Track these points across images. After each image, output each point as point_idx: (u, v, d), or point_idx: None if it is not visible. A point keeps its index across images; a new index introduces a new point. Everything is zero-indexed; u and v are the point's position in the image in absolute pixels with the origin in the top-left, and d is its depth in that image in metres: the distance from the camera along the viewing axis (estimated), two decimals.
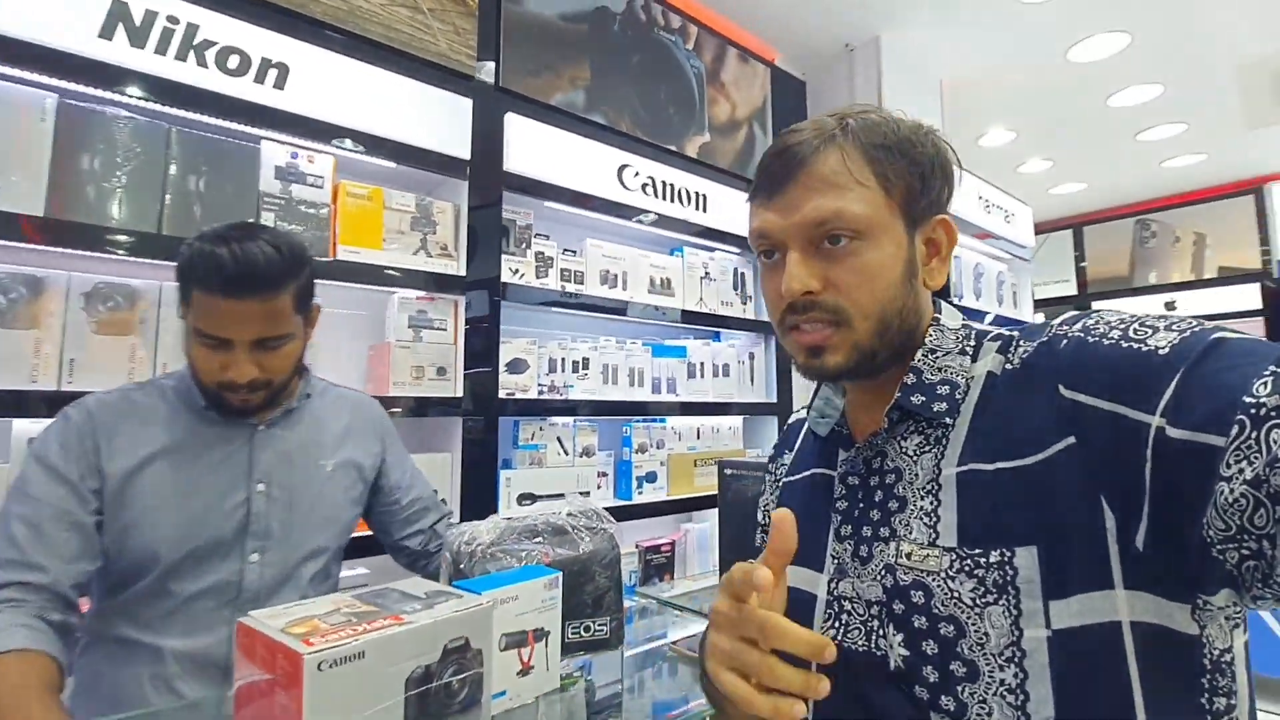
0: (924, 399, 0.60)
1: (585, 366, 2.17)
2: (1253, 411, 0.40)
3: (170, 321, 1.39)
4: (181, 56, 1.36)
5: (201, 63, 1.39)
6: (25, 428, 1.23)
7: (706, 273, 2.60)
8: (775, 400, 2.72)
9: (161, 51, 1.34)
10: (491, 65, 1.93)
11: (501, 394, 1.90)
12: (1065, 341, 0.55)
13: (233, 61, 1.42)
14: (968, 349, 0.62)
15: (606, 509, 2.06)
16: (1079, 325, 0.56)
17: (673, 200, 2.39)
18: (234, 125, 1.47)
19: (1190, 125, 4.02)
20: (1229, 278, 5.11)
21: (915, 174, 0.61)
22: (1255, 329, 4.90)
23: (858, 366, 0.61)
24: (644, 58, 2.41)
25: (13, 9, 1.19)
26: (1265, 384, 0.41)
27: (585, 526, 1.08)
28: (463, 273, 1.81)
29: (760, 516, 0.87)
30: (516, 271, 1.98)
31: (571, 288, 2.13)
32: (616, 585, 1.06)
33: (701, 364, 2.52)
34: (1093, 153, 4.50)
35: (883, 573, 0.58)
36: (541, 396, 2.03)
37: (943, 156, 0.64)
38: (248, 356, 0.96)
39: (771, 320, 0.66)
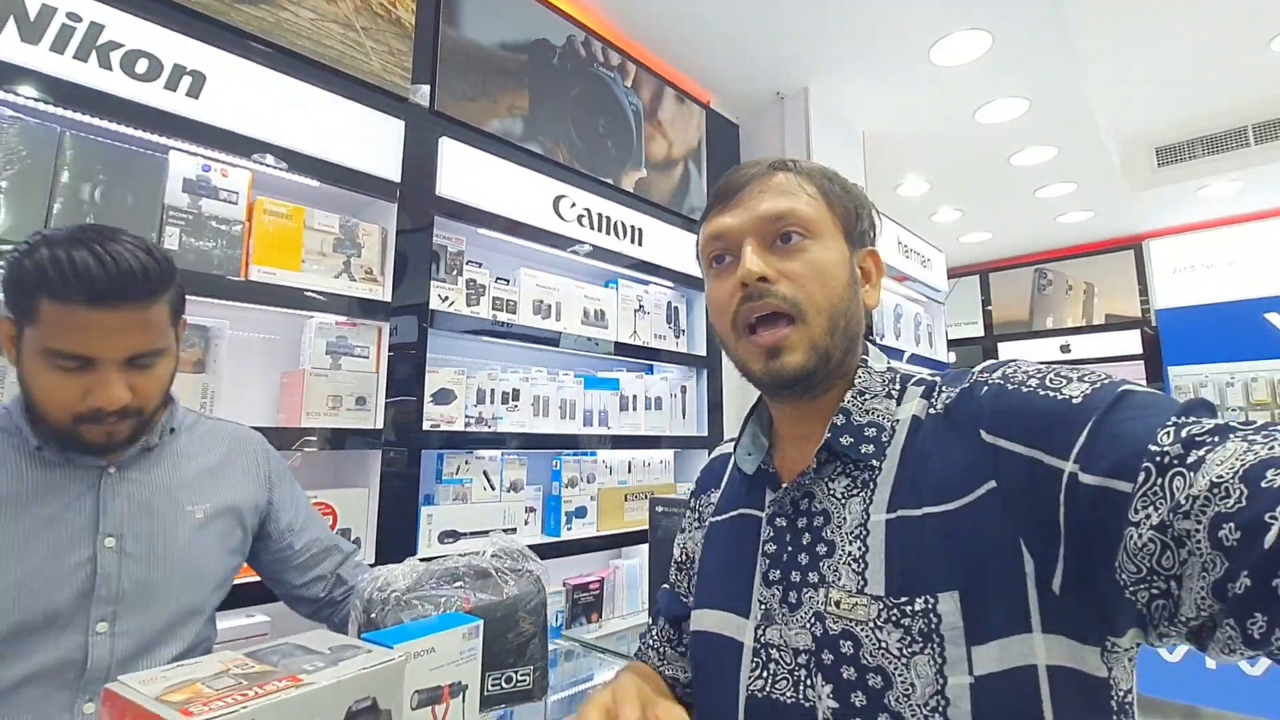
0: (852, 440, 0.61)
1: (515, 398, 2.11)
2: (1157, 459, 0.43)
3: None
4: (82, 57, 1.26)
5: (105, 64, 1.29)
6: None
7: (641, 305, 2.60)
8: (707, 434, 2.73)
9: (58, 50, 1.23)
10: (426, 88, 1.89)
11: (426, 425, 1.82)
12: (986, 388, 0.57)
13: (141, 65, 1.33)
14: (893, 392, 0.64)
15: (534, 546, 1.99)
16: (999, 373, 0.58)
17: (609, 232, 2.39)
18: (139, 133, 1.36)
19: (1080, 185, 4.42)
20: (1114, 324, 5.60)
21: (851, 203, 0.67)
22: (1135, 372, 5.37)
23: (816, 368, 0.61)
24: (583, 91, 2.43)
25: None
26: (1168, 433, 0.44)
27: (509, 569, 1.03)
28: (388, 298, 1.74)
29: (678, 554, 0.84)
30: (446, 299, 1.92)
31: (504, 317, 2.08)
32: (542, 631, 1.01)
33: (634, 397, 2.51)
34: (997, 205, 4.87)
35: (812, 620, 0.57)
36: (468, 429, 1.96)
37: (869, 206, 0.70)
38: (119, 377, 0.81)
39: (720, 331, 0.67)
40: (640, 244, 2.54)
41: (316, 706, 0.61)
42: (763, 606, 0.62)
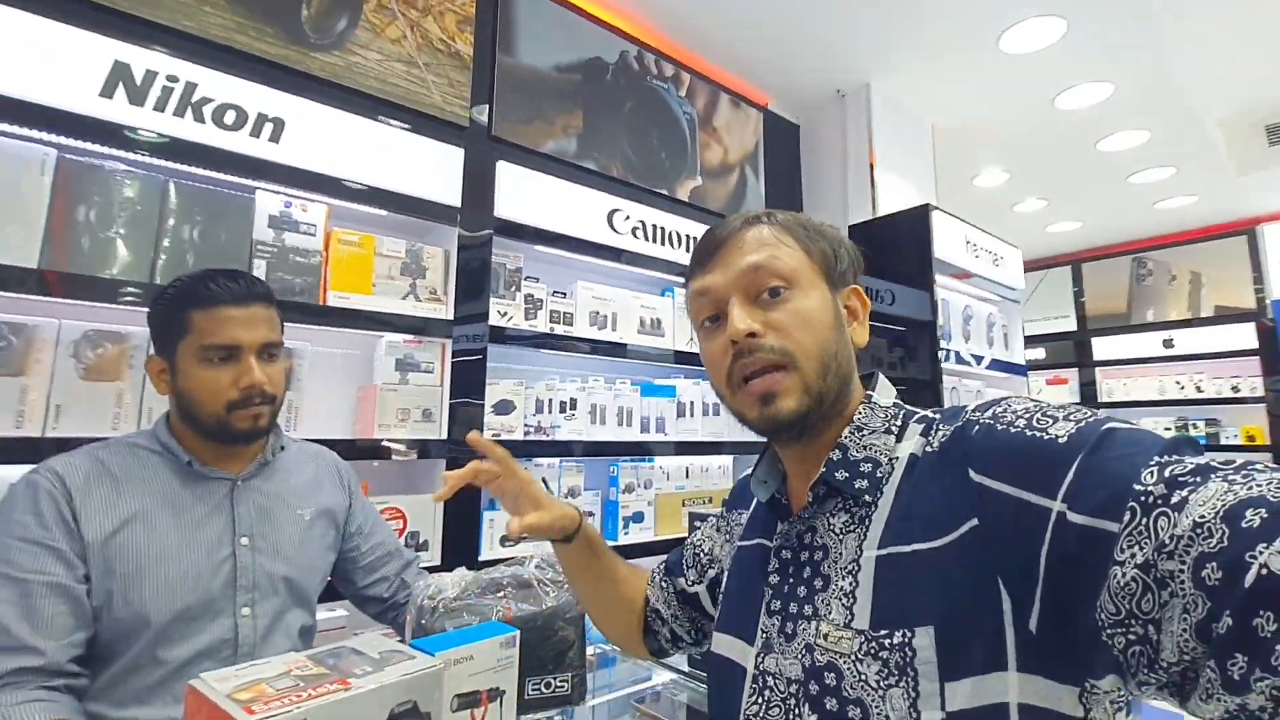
0: (847, 475, 0.62)
1: (573, 407, 2.19)
2: (1142, 499, 0.43)
3: None
4: (179, 113, 1.42)
5: (199, 119, 1.45)
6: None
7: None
8: (765, 439, 2.73)
9: (160, 109, 1.40)
10: (484, 115, 1.99)
11: (487, 434, 1.92)
12: (977, 427, 0.58)
13: (229, 117, 1.48)
14: (893, 429, 0.65)
15: None
16: (989, 412, 0.58)
17: (663, 243, 2.43)
18: (230, 177, 1.52)
19: (1180, 170, 4.07)
20: (1225, 316, 5.11)
21: (828, 246, 0.69)
22: (1250, 368, 4.88)
23: (810, 412, 0.63)
24: (636, 105, 2.48)
25: (16, 70, 1.25)
26: (1152, 473, 0.44)
27: (550, 579, 1.09)
28: (450, 316, 1.85)
29: (698, 537, 0.91)
30: (505, 314, 2.02)
31: (561, 329, 2.16)
32: (581, 639, 1.07)
33: (691, 403, 2.54)
34: (1086, 193, 4.55)
35: (803, 651, 0.59)
36: (527, 438, 2.05)
37: (848, 243, 0.72)
38: (257, 364, 1.01)
39: (716, 386, 0.69)
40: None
41: (362, 708, 0.69)
42: (764, 635, 0.64)
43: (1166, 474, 0.44)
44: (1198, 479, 0.43)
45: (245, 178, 1.54)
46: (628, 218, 2.32)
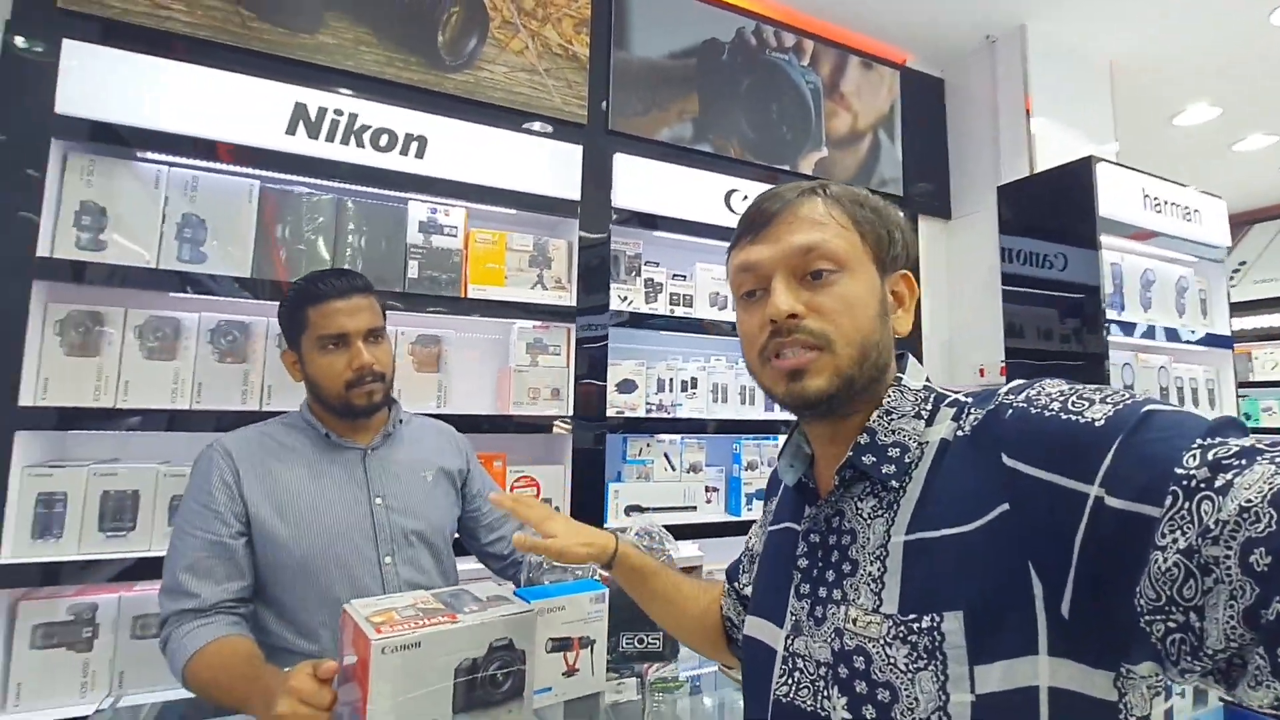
0: (874, 460, 0.62)
1: (694, 386, 2.27)
2: (1185, 483, 0.42)
3: None
4: (345, 141, 1.69)
5: (360, 144, 1.71)
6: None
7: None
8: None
9: (330, 139, 1.67)
10: (601, 112, 2.10)
11: (610, 412, 2.06)
12: (1010, 411, 0.56)
13: (383, 140, 1.73)
14: (923, 413, 0.64)
15: (716, 524, 2.15)
16: (1023, 395, 0.56)
17: None
18: (386, 191, 1.78)
19: None
20: None
21: (883, 227, 0.66)
22: None
23: (838, 393, 0.62)
24: (754, 82, 2.46)
25: (224, 119, 1.57)
26: (1194, 456, 0.43)
27: (647, 547, 1.18)
28: (574, 303, 2.00)
29: (749, 541, 0.91)
30: (625, 299, 2.14)
31: (681, 311, 2.24)
32: None
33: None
34: None
35: (832, 635, 0.61)
36: (650, 415, 2.17)
37: (904, 225, 0.69)
38: (364, 347, 1.18)
39: (748, 359, 0.69)
40: None
41: (465, 639, 0.83)
42: (793, 618, 0.66)
43: (1210, 457, 0.42)
44: (1243, 462, 0.41)
45: (398, 190, 1.79)
46: (745, 198, 2.32)
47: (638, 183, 2.13)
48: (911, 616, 0.55)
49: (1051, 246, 2.39)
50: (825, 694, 0.60)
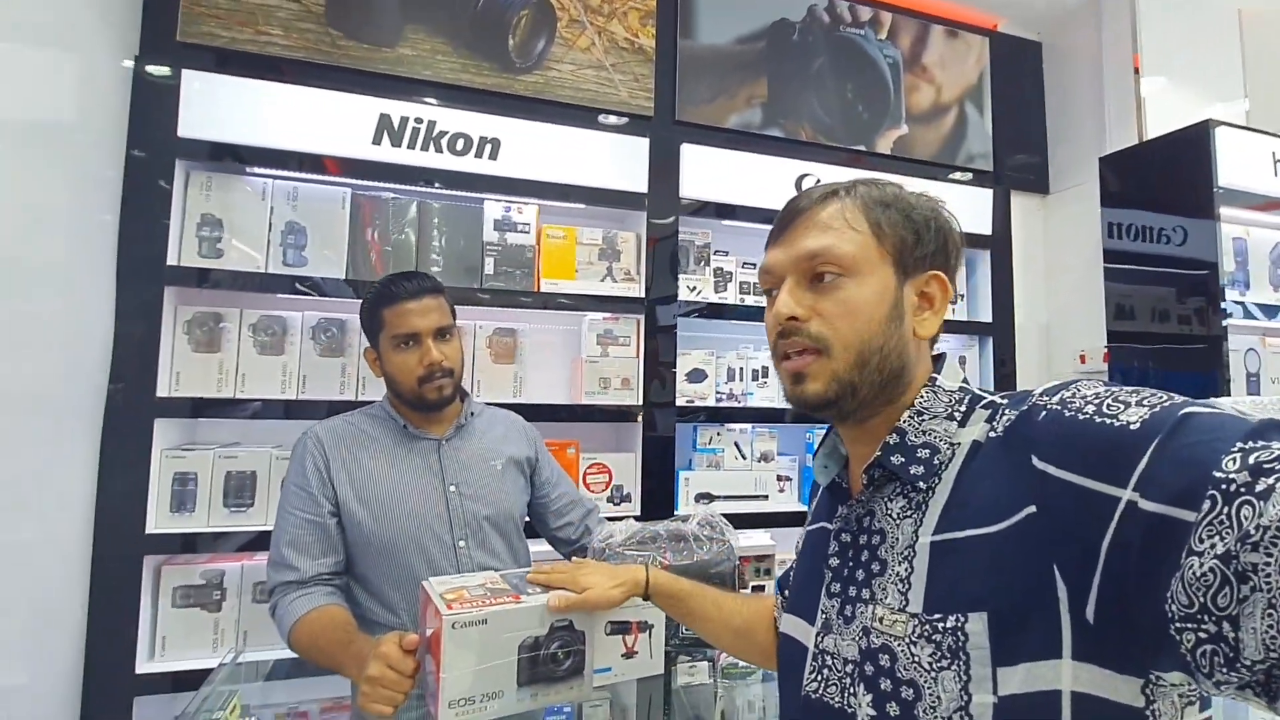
0: (903, 460, 0.62)
1: (765, 375, 2.25)
2: (1224, 487, 0.41)
3: None
4: (425, 147, 1.80)
5: (439, 150, 1.81)
6: None
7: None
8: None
9: (412, 146, 1.79)
10: (667, 103, 2.11)
11: (680, 401, 2.09)
12: (1044, 413, 0.55)
13: (459, 144, 1.83)
14: (956, 414, 0.63)
15: (789, 513, 2.14)
16: (1057, 397, 0.55)
17: None
18: (463, 192, 1.88)
19: None
20: None
21: (909, 228, 0.66)
22: None
23: (838, 398, 0.64)
24: (827, 60, 2.38)
25: (319, 134, 1.72)
26: (1234, 459, 0.42)
27: (707, 536, 1.22)
28: (642, 294, 2.04)
29: (797, 548, 0.90)
30: (694, 289, 2.15)
31: (751, 300, 2.23)
32: (731, 590, 1.18)
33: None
34: None
35: (860, 634, 0.62)
36: (720, 404, 2.18)
37: (942, 221, 0.68)
38: (434, 345, 1.25)
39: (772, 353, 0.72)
40: None
41: (527, 618, 0.89)
42: (823, 616, 0.67)
43: (1251, 460, 0.41)
44: None
45: (475, 191, 1.88)
46: (817, 181, 2.26)
47: (706, 172, 2.13)
48: (936, 616, 0.56)
49: (1165, 219, 2.18)
50: (851, 691, 0.61)
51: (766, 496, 2.21)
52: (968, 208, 2.53)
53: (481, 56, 1.91)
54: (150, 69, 1.65)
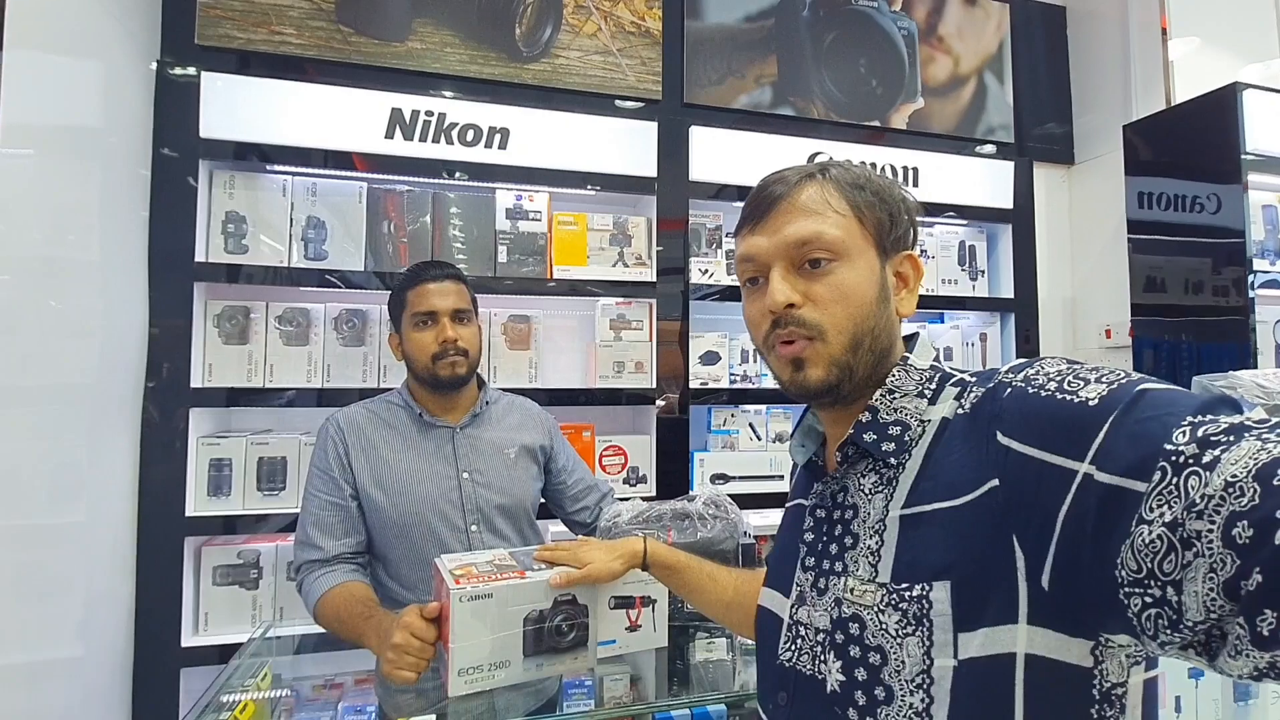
0: (875, 438, 0.64)
1: None
2: (1173, 459, 0.43)
3: None
4: (436, 139, 1.84)
5: (450, 141, 1.85)
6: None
7: (923, 250, 2.45)
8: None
9: (424, 139, 1.83)
10: (675, 85, 2.11)
11: (694, 384, 2.11)
12: (1009, 390, 0.57)
13: (469, 135, 1.86)
14: (927, 391, 0.65)
15: None
16: (1021, 375, 0.57)
17: None
18: (475, 183, 1.92)
19: None
20: None
21: (885, 211, 0.67)
22: None
23: (839, 382, 0.65)
24: (838, 36, 2.35)
25: (334, 130, 1.77)
26: (1184, 433, 0.44)
27: (711, 515, 1.25)
28: (654, 279, 2.06)
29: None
30: (706, 271, 2.16)
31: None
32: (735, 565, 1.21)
33: (914, 335, 2.40)
34: None
35: (832, 604, 0.64)
36: (734, 385, 2.20)
37: (909, 203, 0.70)
38: (450, 324, 1.30)
39: (757, 344, 0.72)
40: (916, 184, 2.37)
41: (532, 592, 0.94)
42: (798, 589, 0.69)
43: (1199, 433, 0.43)
44: (1231, 438, 0.42)
45: (486, 181, 1.92)
46: (830, 159, 2.24)
47: (716, 154, 2.13)
48: (904, 586, 0.58)
49: (1192, 187, 2.12)
50: (822, 658, 0.64)
51: (782, 477, 2.23)
52: (988, 181, 2.48)
53: (489, 47, 1.94)
54: (172, 72, 1.71)
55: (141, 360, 1.68)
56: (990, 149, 2.56)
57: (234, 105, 1.73)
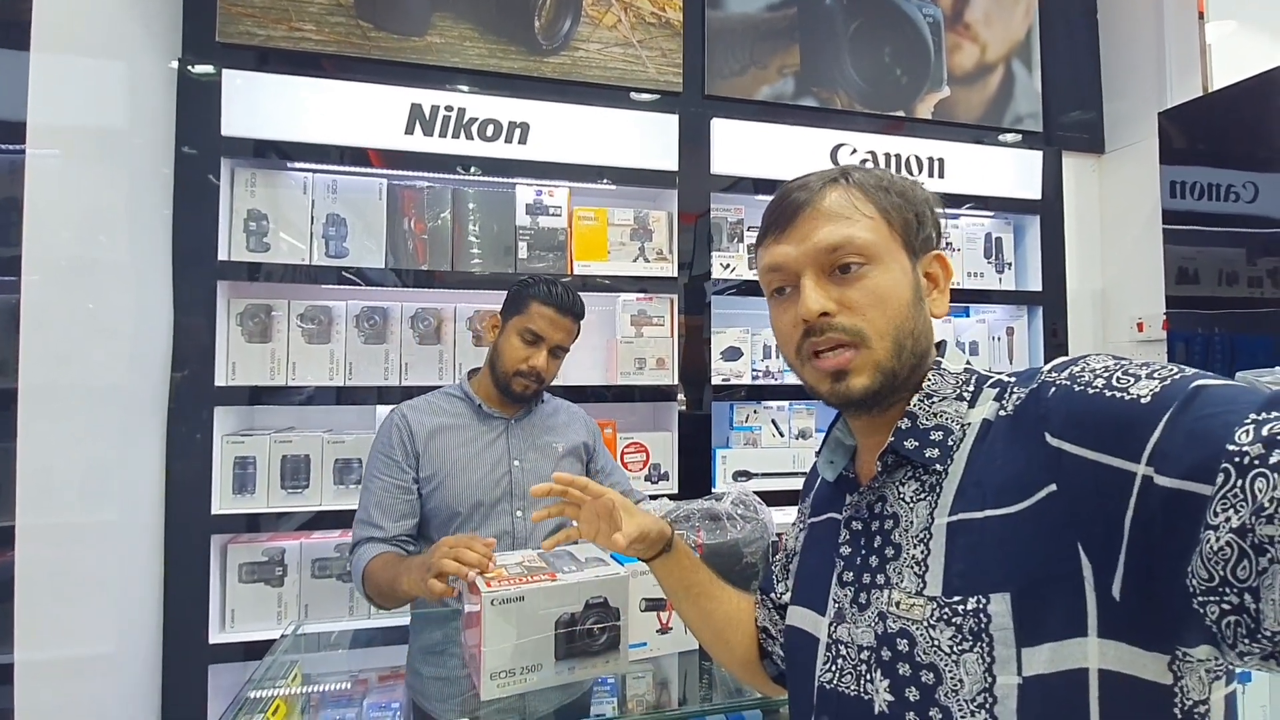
0: (917, 444, 0.61)
1: None
2: (1237, 460, 0.41)
3: (462, 335, 1.90)
4: (456, 135, 1.82)
5: (469, 136, 1.84)
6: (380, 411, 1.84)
7: (948, 243, 2.40)
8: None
9: (444, 135, 1.81)
10: (696, 77, 2.08)
11: (716, 380, 2.09)
12: (1054, 389, 0.54)
13: (489, 130, 1.84)
14: (965, 394, 0.62)
15: None
16: (1066, 373, 0.55)
17: (900, 170, 2.26)
18: (495, 178, 1.90)
19: None
20: None
21: (911, 211, 0.65)
22: None
23: (882, 387, 0.62)
24: (863, 24, 2.30)
25: (354, 127, 1.76)
26: (1247, 432, 0.41)
27: (741, 515, 1.23)
28: (675, 274, 2.03)
29: (783, 541, 0.88)
30: (728, 266, 2.13)
31: None
32: (766, 568, 1.19)
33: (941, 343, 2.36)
34: None
35: (876, 619, 0.61)
36: (756, 381, 2.17)
37: (933, 202, 0.68)
38: (547, 356, 1.37)
39: (786, 356, 0.69)
40: (942, 175, 2.32)
41: (563, 595, 0.93)
42: (836, 605, 0.66)
43: (1264, 432, 0.40)
44: None
45: (506, 176, 1.90)
46: (854, 151, 2.21)
47: (738, 147, 2.09)
48: (956, 599, 0.55)
49: (1231, 175, 2.05)
50: (868, 678, 0.60)
51: (805, 474, 2.21)
52: (1016, 171, 2.43)
53: (508, 40, 1.92)
54: (193, 70, 1.71)
55: (167, 359, 1.68)
56: (1018, 138, 2.50)
57: (254, 103, 1.73)
